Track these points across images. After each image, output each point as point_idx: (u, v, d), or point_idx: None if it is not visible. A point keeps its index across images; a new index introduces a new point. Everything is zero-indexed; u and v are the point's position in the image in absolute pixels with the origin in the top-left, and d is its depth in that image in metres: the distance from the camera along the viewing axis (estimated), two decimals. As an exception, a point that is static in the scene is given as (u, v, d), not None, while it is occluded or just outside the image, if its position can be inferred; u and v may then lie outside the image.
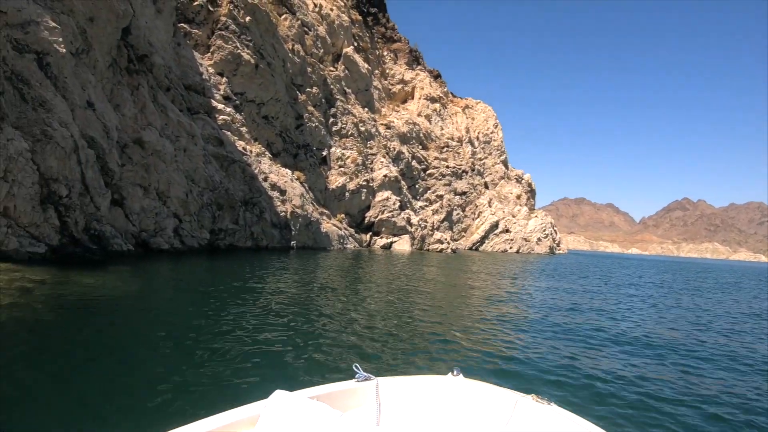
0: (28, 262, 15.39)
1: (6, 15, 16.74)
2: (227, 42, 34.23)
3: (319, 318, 12.22)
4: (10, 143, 15.89)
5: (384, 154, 56.68)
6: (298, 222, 36.28)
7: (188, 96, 30.20)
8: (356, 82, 56.54)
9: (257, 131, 37.05)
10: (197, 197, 27.15)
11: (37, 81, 17.51)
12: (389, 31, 71.51)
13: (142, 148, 23.68)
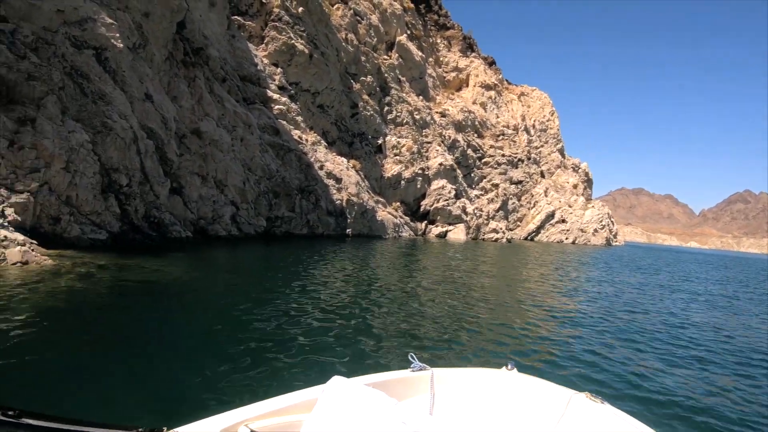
0: (90, 249, 15.96)
1: (64, 13, 17.31)
2: (281, 33, 34.58)
3: (373, 306, 12.28)
4: (72, 135, 16.50)
5: (439, 143, 56.25)
6: (354, 210, 36.46)
7: (244, 87, 30.69)
8: (410, 70, 56.23)
9: (313, 120, 37.35)
10: (254, 185, 27.61)
11: (96, 75, 18.10)
12: (442, 19, 70.59)
13: (199, 138, 24.25)
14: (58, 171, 15.86)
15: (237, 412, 3.24)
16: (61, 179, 15.96)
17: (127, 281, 12.17)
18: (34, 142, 15.41)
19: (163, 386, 6.18)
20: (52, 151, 15.69)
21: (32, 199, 14.90)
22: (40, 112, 16.04)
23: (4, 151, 14.69)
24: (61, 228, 15.82)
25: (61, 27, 17.29)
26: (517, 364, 5.10)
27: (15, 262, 12.34)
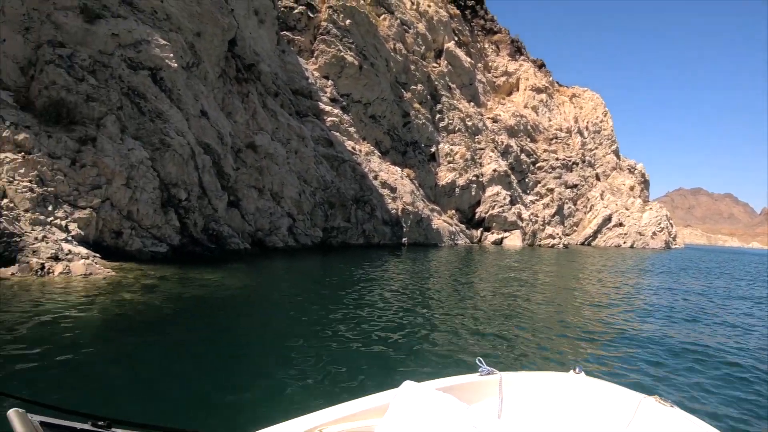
0: (151, 261, 16.40)
1: (118, 37, 17.92)
2: (330, 46, 34.93)
3: (434, 312, 12.23)
4: (132, 153, 17.03)
5: (492, 149, 55.57)
6: (409, 219, 36.31)
7: (296, 100, 31.07)
8: (460, 76, 55.90)
9: (365, 131, 37.49)
10: (310, 197, 27.81)
11: (152, 95, 18.62)
12: (489, 23, 69.90)
13: (255, 151, 24.65)
14: (119, 187, 16.36)
15: (310, 417, 3.34)
16: (122, 195, 16.44)
17: (188, 292, 12.40)
18: (95, 160, 15.97)
19: (228, 394, 6.20)
20: (113, 168, 16.22)
21: (95, 214, 15.44)
22: (100, 132, 16.64)
23: (66, 169, 15.27)
24: (123, 241, 16.31)
25: (116, 50, 17.89)
26: (583, 367, 5.04)
27: (79, 274, 12.69)
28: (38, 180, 14.65)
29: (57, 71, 16.35)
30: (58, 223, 14.49)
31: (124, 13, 18.62)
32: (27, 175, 14.52)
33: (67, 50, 16.87)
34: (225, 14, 22.98)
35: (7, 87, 16.02)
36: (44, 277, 12.45)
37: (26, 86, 16.37)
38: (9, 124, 14.84)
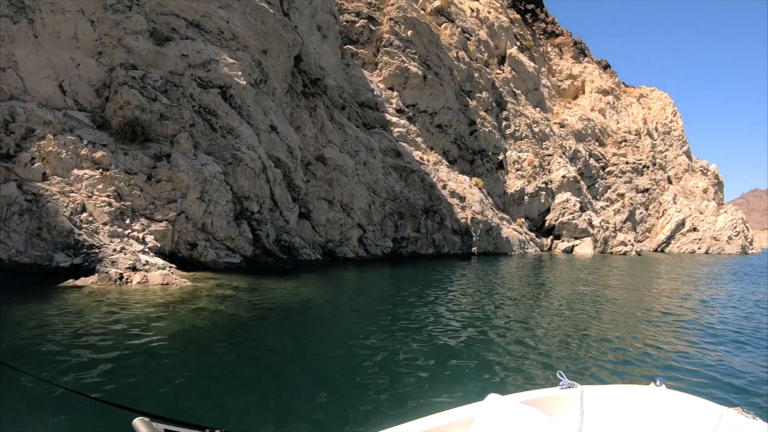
0: (225, 272, 16.64)
1: (188, 57, 18.50)
2: (393, 57, 34.97)
3: (509, 323, 11.92)
4: (205, 167, 17.41)
5: (560, 154, 54.14)
6: (479, 228, 35.70)
7: (363, 112, 31.22)
8: (524, 82, 54.93)
9: (432, 140, 37.23)
10: (379, 208, 27.72)
11: (223, 112, 19.09)
12: (550, 26, 68.36)
13: (324, 164, 24.82)
14: (194, 201, 16.74)
15: (395, 430, 3.35)
16: (197, 208, 16.81)
17: (262, 302, 12.47)
18: (170, 176, 16.44)
19: (304, 404, 6.15)
20: (188, 183, 16.63)
21: (170, 227, 15.87)
22: (174, 148, 17.17)
23: (143, 184, 15.81)
24: (198, 253, 16.66)
25: (186, 70, 18.48)
26: (664, 379, 4.92)
27: (156, 284, 12.94)
28: (116, 195, 15.23)
29: (131, 92, 16.99)
30: (136, 236, 14.97)
31: (193, 35, 19.21)
32: (105, 190, 15.11)
33: (140, 72, 17.53)
34: (289, 31, 23.31)
35: (83, 108, 16.79)
36: (123, 286, 12.84)
37: (102, 107, 17.08)
38: (87, 142, 15.51)
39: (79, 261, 13.61)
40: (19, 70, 16.23)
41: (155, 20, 18.74)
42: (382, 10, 36.17)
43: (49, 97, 16.51)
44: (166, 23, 18.83)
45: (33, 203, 13.91)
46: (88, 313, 9.77)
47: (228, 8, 20.26)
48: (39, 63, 16.55)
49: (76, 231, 14.09)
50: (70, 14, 17.30)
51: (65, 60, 16.94)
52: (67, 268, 13.43)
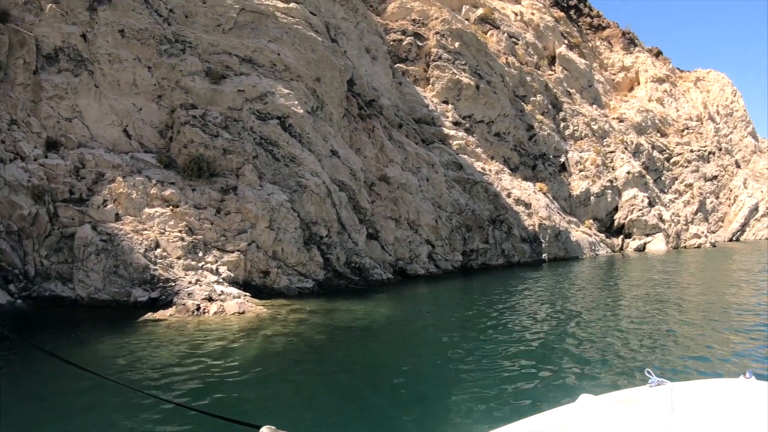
0: (298, 297, 16.66)
1: (244, 92, 18.88)
2: (444, 71, 34.72)
3: (591, 325, 11.78)
4: (272, 197, 17.63)
5: (623, 150, 52.15)
6: (547, 234, 34.69)
7: (420, 129, 31.08)
8: (577, 80, 53.46)
9: (492, 149, 36.61)
10: (446, 222, 27.37)
11: (284, 141, 19.34)
12: (595, 20, 66.20)
13: (387, 183, 24.79)
14: (263, 230, 16.93)
15: None
16: (267, 237, 16.99)
17: (338, 324, 12.48)
18: (238, 207, 16.75)
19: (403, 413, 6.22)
20: (256, 213, 16.86)
21: (242, 256, 16.10)
22: (240, 180, 17.48)
23: (212, 217, 16.20)
24: (271, 280, 16.79)
25: (244, 104, 18.87)
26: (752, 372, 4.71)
27: (233, 313, 13.09)
28: (187, 229, 15.63)
29: (193, 130, 17.48)
30: (209, 267, 15.30)
31: (246, 70, 19.59)
32: (177, 226, 15.54)
33: (200, 110, 18.06)
34: (339, 57, 23.44)
35: (149, 150, 17.43)
36: (200, 317, 13.07)
37: (166, 147, 17.67)
38: (155, 182, 16.05)
39: (156, 295, 14.08)
40: (84, 119, 17.06)
41: (209, 60, 19.22)
42: (426, 25, 36.09)
43: (116, 142, 17.22)
44: (220, 62, 19.27)
45: (108, 243, 14.53)
46: (171, 343, 10.06)
47: (278, 41, 20.55)
48: (102, 111, 17.36)
49: (152, 266, 14.53)
50: (127, 62, 18.05)
51: (127, 106, 17.67)
52: (145, 302, 13.90)
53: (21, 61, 16.89)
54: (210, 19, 20.06)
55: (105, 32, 18.27)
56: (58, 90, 17.04)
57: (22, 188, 15.08)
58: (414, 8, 36.16)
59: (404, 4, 36.00)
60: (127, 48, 18.35)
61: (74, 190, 15.66)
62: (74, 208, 15.42)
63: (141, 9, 19.14)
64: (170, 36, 19.09)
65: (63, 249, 15.01)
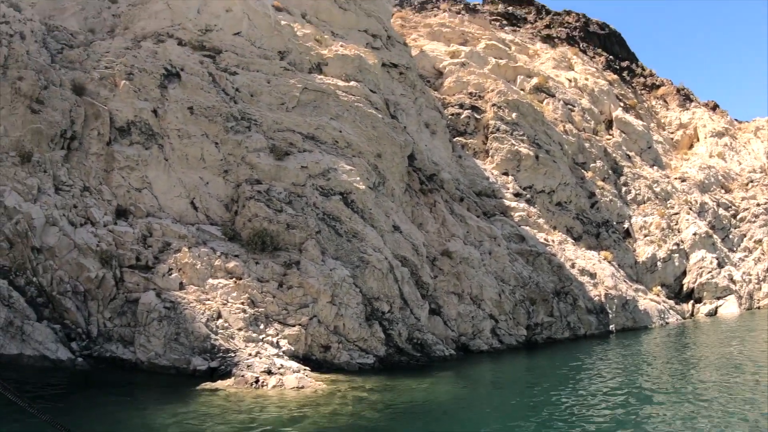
0: (358, 372, 16.40)
1: (307, 168, 19.33)
2: (502, 142, 34.74)
3: (669, 401, 11.32)
4: (334, 272, 17.64)
5: (687, 210, 50.15)
6: (614, 304, 33.29)
7: (481, 201, 30.95)
8: (636, 142, 52.32)
9: (554, 219, 35.93)
10: (509, 296, 26.74)
11: (346, 217, 19.46)
12: (649, 79, 65.22)
13: (450, 258, 24.56)
14: (325, 305, 16.90)
15: None
16: (328, 312, 16.94)
17: (398, 402, 12.30)
18: (300, 282, 16.88)
19: None
20: (318, 288, 16.90)
21: (303, 331, 16.13)
22: (303, 255, 17.66)
23: (275, 291, 16.45)
24: (331, 355, 16.64)
25: (307, 180, 19.27)
26: None
27: (292, 387, 13.32)
28: (249, 302, 15.92)
29: (257, 205, 17.92)
30: (270, 340, 15.44)
31: (309, 147, 20.10)
32: (239, 297, 15.87)
33: (264, 186, 18.56)
34: (399, 132, 23.78)
35: (214, 222, 18.05)
36: (258, 389, 13.09)
37: (231, 220, 18.20)
38: (220, 254, 16.55)
39: (215, 364, 14.30)
40: (153, 190, 17.95)
41: (273, 137, 19.86)
42: (483, 97, 36.45)
43: (183, 213, 17.94)
44: (284, 139, 19.87)
45: (171, 310, 15.01)
46: (228, 415, 10.02)
47: (339, 119, 21.04)
48: (171, 183, 18.23)
49: (213, 336, 14.83)
50: (195, 138, 18.88)
51: (195, 179, 18.50)
52: (204, 371, 14.12)
53: (95, 132, 18.16)
54: (274, 97, 20.79)
55: (175, 109, 19.29)
56: (130, 161, 18.08)
57: (90, 252, 15.79)
58: (470, 81, 36.69)
59: (460, 78, 36.61)
60: (196, 124, 19.24)
61: (141, 257, 16.25)
62: (140, 274, 16.01)
63: (209, 88, 20.12)
64: (236, 113, 19.88)
65: (126, 313, 15.52)
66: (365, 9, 27.86)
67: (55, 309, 15.19)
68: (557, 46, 56.65)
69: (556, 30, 60.42)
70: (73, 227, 16.15)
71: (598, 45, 64.14)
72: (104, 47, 20.97)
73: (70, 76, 19.06)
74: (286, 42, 22.82)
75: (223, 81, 20.78)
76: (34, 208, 15.78)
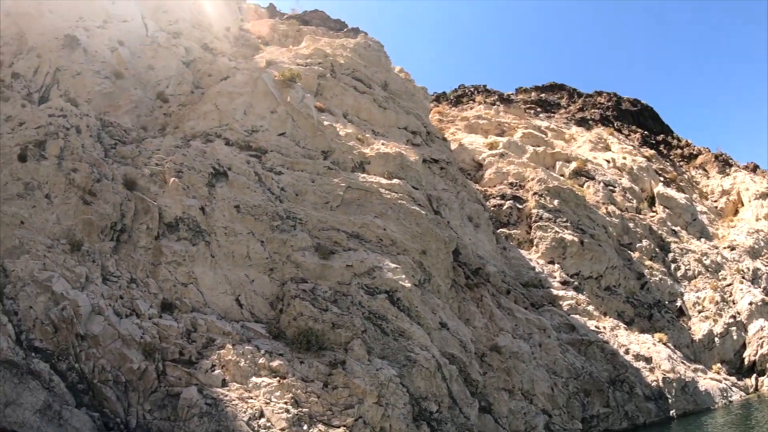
0: None
1: (353, 267, 19.18)
2: (546, 230, 34.22)
3: None
4: (380, 372, 17.08)
5: (740, 280, 47.56)
6: (672, 388, 31.37)
7: (528, 292, 30.19)
8: (680, 216, 50.76)
9: (604, 305, 34.64)
10: (562, 389, 25.50)
11: (392, 315, 19.06)
12: (686, 149, 63.90)
13: (499, 353, 23.76)
14: (371, 405, 16.28)
15: None
16: (375, 412, 16.30)
17: None
18: (346, 382, 16.35)
19: None
20: (364, 389, 16.32)
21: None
22: (348, 355, 17.21)
23: (319, 391, 15.96)
24: None
25: (352, 279, 19.07)
26: None
27: None
28: (293, 402, 15.43)
29: (303, 304, 17.67)
30: None
31: (354, 246, 20.07)
32: (283, 397, 15.43)
33: (309, 285, 18.40)
34: (443, 228, 23.63)
35: (259, 320, 17.86)
36: None
37: (276, 318, 18.01)
38: (264, 352, 16.25)
39: None
40: (199, 286, 17.92)
41: (318, 236, 19.82)
42: (524, 187, 36.31)
43: (227, 310, 17.79)
44: (329, 237, 19.83)
45: (213, 407, 14.69)
46: None
47: (383, 217, 20.95)
48: (217, 279, 18.21)
49: None
50: (241, 236, 18.97)
51: (240, 276, 18.46)
52: None
53: (144, 226, 18.48)
54: (319, 196, 20.85)
55: (222, 207, 19.51)
56: (177, 256, 18.21)
57: (134, 343, 15.61)
58: (510, 171, 36.61)
59: (500, 168, 36.58)
60: (242, 222, 19.36)
61: (184, 351, 16.04)
62: (182, 368, 15.71)
63: (255, 187, 20.32)
64: (282, 212, 19.94)
65: (167, 406, 15.12)
66: (404, 107, 28.39)
67: (95, 397, 14.95)
68: (592, 128, 56.63)
69: (589, 112, 60.53)
70: (118, 317, 16.12)
71: (632, 122, 63.93)
72: (155, 145, 21.69)
73: (122, 171, 19.70)
74: (329, 142, 23.19)
75: (269, 180, 21.01)
76: (81, 296, 15.84)
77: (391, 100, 28.54)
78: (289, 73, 25.59)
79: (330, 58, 29.43)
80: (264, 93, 24.71)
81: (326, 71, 28.17)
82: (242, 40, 34.16)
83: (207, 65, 27.66)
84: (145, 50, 26.37)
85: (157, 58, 26.40)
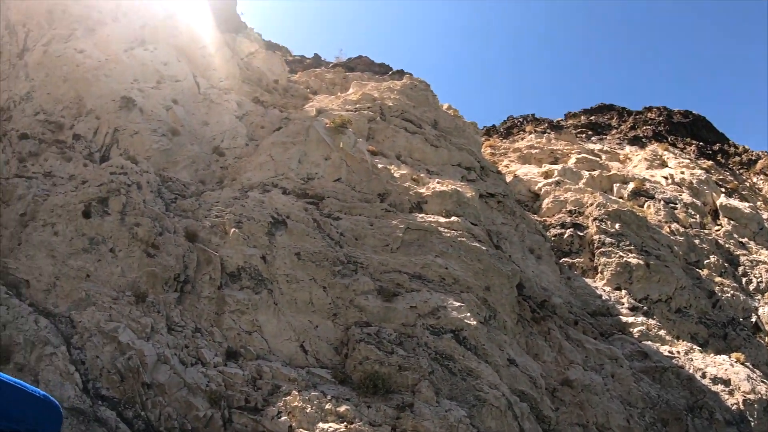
0: None
1: (416, 308, 18.97)
2: (610, 256, 33.15)
3: None
4: (449, 413, 16.60)
5: (815, 286, 45.20)
6: (754, 410, 29.50)
7: (596, 322, 29.21)
8: (746, 226, 48.32)
9: (676, 328, 33.15)
10: (639, 420, 24.36)
11: (459, 355, 18.66)
12: (744, 156, 60.90)
13: (570, 387, 22.96)
14: None
15: None
16: None
17: None
18: (414, 425, 15.85)
19: None
20: (433, 431, 15.85)
21: None
22: (416, 397, 16.79)
23: None
24: None
25: (417, 320, 18.83)
26: None
27: None
28: None
29: (368, 348, 17.47)
30: None
31: (417, 287, 19.85)
32: None
33: (374, 328, 18.23)
34: (505, 263, 23.31)
35: (324, 365, 17.73)
36: None
37: (342, 363, 17.84)
38: (330, 397, 15.95)
39: None
40: (263, 333, 17.91)
41: (380, 279, 19.73)
42: (583, 213, 35.51)
43: (292, 357, 17.74)
44: (391, 280, 19.72)
45: None
46: None
47: (444, 255, 20.77)
48: (280, 327, 18.22)
49: None
50: (303, 283, 19.07)
51: (304, 323, 18.45)
52: None
53: (207, 276, 18.66)
54: (378, 240, 20.85)
55: (283, 255, 19.68)
56: (240, 305, 18.28)
57: (200, 391, 15.57)
58: (568, 199, 36.00)
59: (557, 197, 36.03)
60: (303, 269, 19.47)
61: (250, 399, 15.96)
62: (248, 416, 15.56)
63: (314, 234, 20.46)
64: (342, 258, 19.99)
65: None
66: (456, 143, 28.34)
67: (162, 443, 15.12)
68: (646, 145, 55.36)
69: (641, 129, 59.26)
70: (183, 366, 16.21)
71: (686, 134, 62.13)
72: (214, 197, 22.17)
73: (183, 224, 20.11)
74: (385, 184, 23.31)
75: (328, 226, 21.19)
76: (147, 346, 15.99)
77: (442, 138, 28.54)
78: (339, 119, 25.96)
79: (378, 101, 29.78)
80: (317, 141, 25.10)
81: (376, 115, 28.49)
82: (291, 91, 35.04)
83: (259, 117, 28.37)
84: (198, 107, 27.28)
85: (211, 114, 27.26)
